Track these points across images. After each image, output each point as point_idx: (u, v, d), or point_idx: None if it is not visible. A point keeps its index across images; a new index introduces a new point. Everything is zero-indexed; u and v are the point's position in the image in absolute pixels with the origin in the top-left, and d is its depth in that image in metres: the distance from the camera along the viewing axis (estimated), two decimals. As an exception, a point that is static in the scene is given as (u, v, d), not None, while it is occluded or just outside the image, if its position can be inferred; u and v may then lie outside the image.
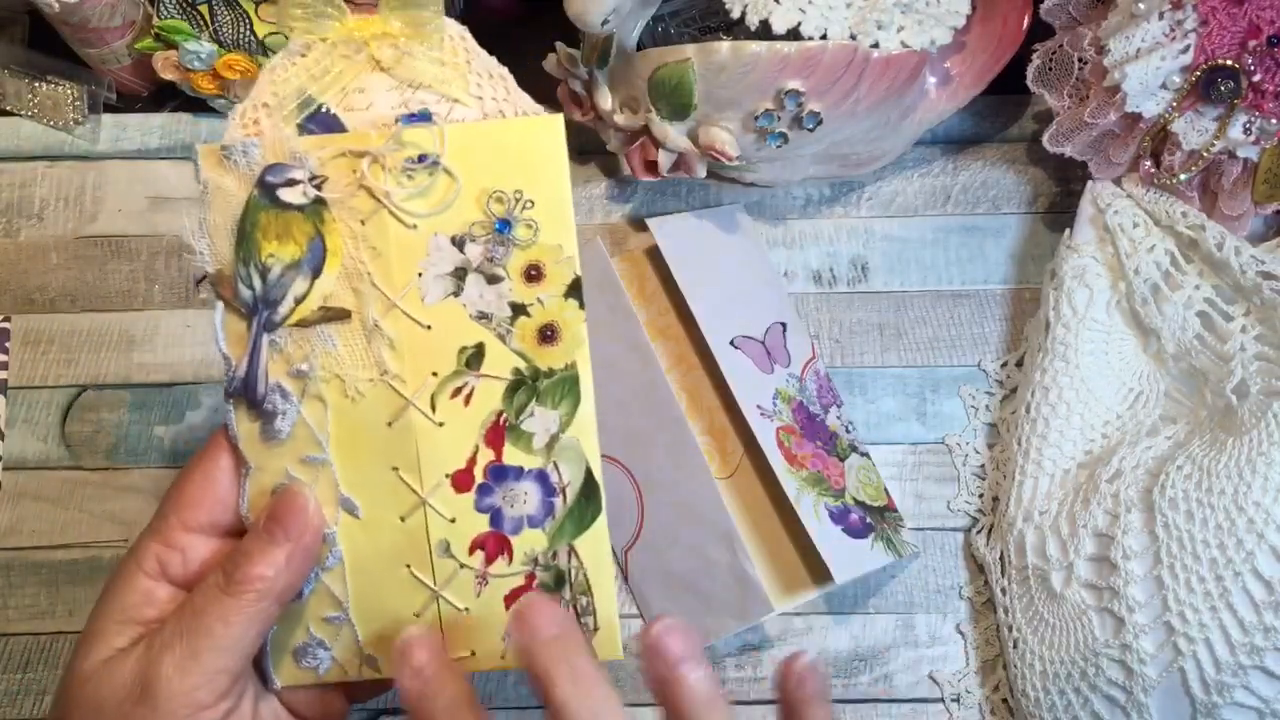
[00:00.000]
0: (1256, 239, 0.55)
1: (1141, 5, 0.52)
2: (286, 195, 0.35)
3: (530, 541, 0.38)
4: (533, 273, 0.36)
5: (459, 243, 0.36)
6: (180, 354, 0.59)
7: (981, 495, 0.57)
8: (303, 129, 0.36)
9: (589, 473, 0.38)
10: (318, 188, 0.35)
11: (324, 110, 0.36)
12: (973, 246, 0.61)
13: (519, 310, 0.36)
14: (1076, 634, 0.50)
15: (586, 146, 0.61)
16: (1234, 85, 0.51)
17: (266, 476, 0.36)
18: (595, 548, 0.38)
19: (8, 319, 0.59)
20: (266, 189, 0.35)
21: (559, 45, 0.56)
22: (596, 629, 0.38)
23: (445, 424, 0.36)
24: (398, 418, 0.36)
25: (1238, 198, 0.53)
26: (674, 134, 0.53)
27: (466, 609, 0.37)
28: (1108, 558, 0.49)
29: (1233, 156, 0.53)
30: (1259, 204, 0.54)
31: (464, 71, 0.36)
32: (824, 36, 0.50)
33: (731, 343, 0.55)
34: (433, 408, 0.36)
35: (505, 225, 0.36)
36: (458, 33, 0.37)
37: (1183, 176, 0.53)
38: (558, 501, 0.37)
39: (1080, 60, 0.55)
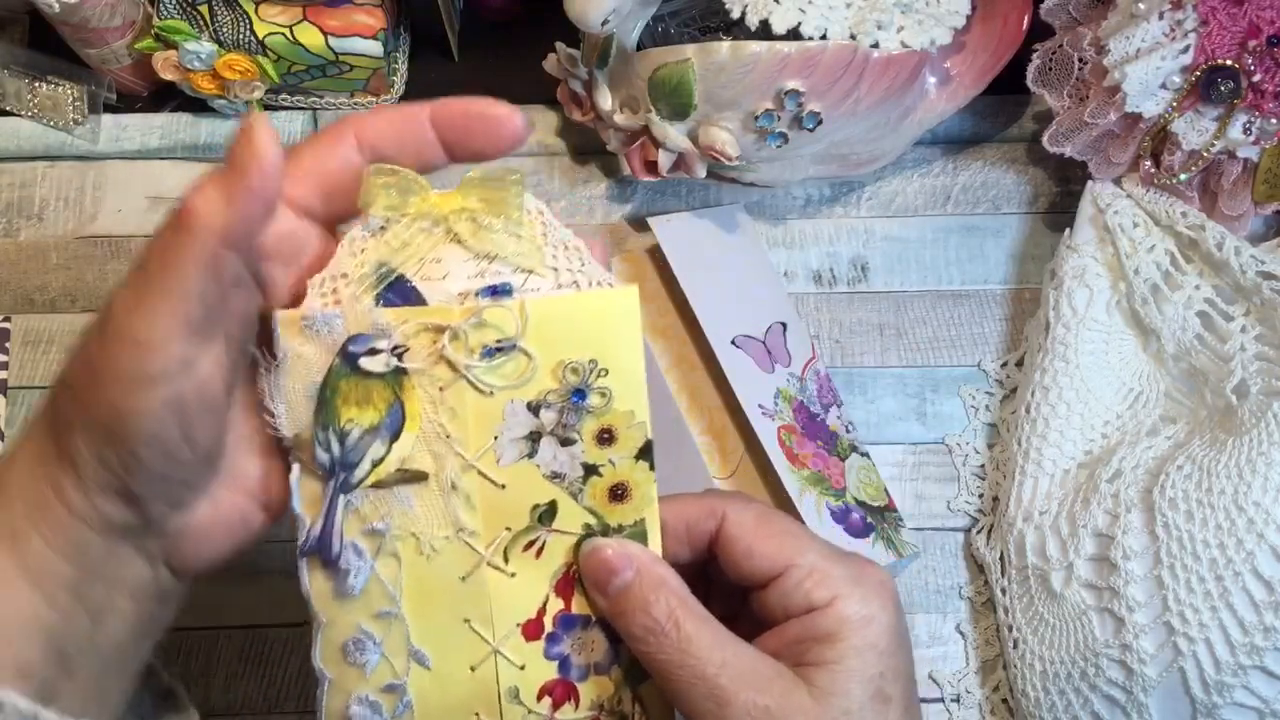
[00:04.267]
0: (1256, 239, 0.55)
1: (1141, 5, 0.52)
2: (368, 364, 0.35)
3: (598, 688, 0.38)
4: (605, 436, 0.37)
5: (534, 408, 0.36)
6: (180, 354, 0.59)
7: (981, 495, 0.57)
8: (381, 299, 0.36)
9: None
10: (399, 357, 0.35)
11: (402, 280, 0.36)
12: (973, 246, 0.61)
13: (591, 470, 0.37)
14: (1076, 634, 0.50)
15: (586, 146, 0.61)
16: (1234, 85, 0.51)
17: (338, 631, 0.37)
18: (659, 694, 0.38)
19: (8, 319, 0.59)
20: (349, 358, 0.35)
21: (559, 45, 0.56)
22: None
23: (517, 575, 0.37)
24: (471, 572, 0.37)
25: (1238, 198, 0.53)
26: (674, 134, 0.53)
27: None
28: (1108, 558, 0.49)
29: (1233, 156, 0.53)
30: (1259, 204, 0.54)
31: (540, 244, 0.37)
32: (824, 36, 0.50)
33: (733, 342, 0.55)
34: (505, 560, 0.37)
35: (580, 395, 0.36)
36: (535, 207, 0.37)
37: (1183, 176, 0.53)
38: (624, 648, 0.38)
39: (1080, 60, 0.55)
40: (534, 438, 0.36)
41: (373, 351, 0.35)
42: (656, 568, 0.36)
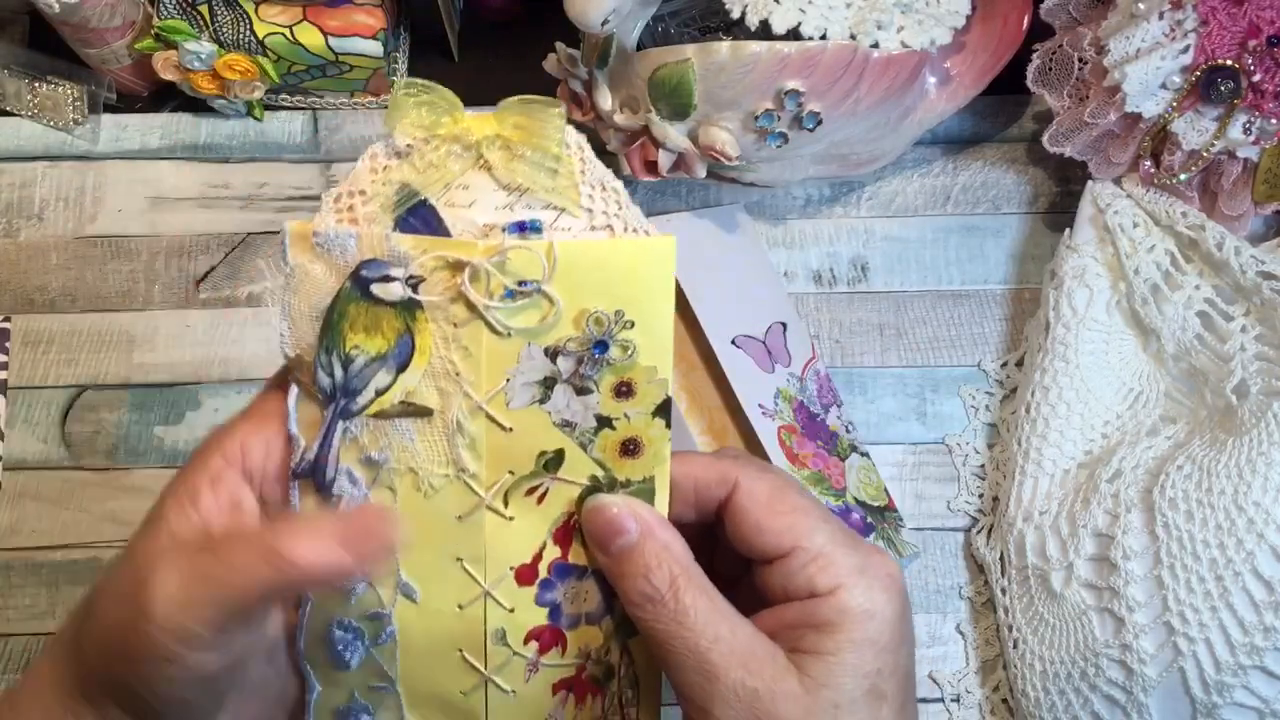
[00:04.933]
0: (1256, 239, 0.55)
1: (1141, 5, 0.52)
2: (380, 290, 0.34)
3: (586, 637, 0.37)
4: (623, 389, 0.35)
5: (551, 354, 0.35)
6: (180, 354, 0.59)
7: (981, 495, 0.57)
8: (401, 223, 0.34)
9: None
10: (414, 289, 0.34)
11: (425, 204, 0.34)
12: (973, 246, 0.61)
13: (604, 422, 0.35)
14: (1076, 634, 0.50)
15: (586, 146, 0.61)
16: (1234, 85, 0.51)
17: None
18: (649, 655, 0.38)
19: (8, 319, 0.59)
20: (360, 282, 0.34)
21: (559, 45, 0.56)
22: None
23: (515, 519, 0.36)
24: (469, 514, 0.36)
25: (1238, 198, 0.53)
26: (674, 134, 0.53)
27: (514, 691, 0.37)
28: (1108, 558, 0.49)
29: (1233, 156, 0.53)
30: (1259, 204, 0.54)
31: (576, 181, 0.35)
32: (824, 36, 0.50)
33: (733, 342, 0.55)
34: (505, 503, 0.36)
35: (602, 347, 0.35)
36: (575, 141, 0.35)
37: (1183, 176, 0.53)
38: (617, 602, 0.37)
39: (1080, 60, 0.55)
40: (548, 383, 0.35)
41: (386, 279, 0.33)
42: (661, 532, 0.35)
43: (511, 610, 0.36)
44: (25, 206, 0.61)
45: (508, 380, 0.34)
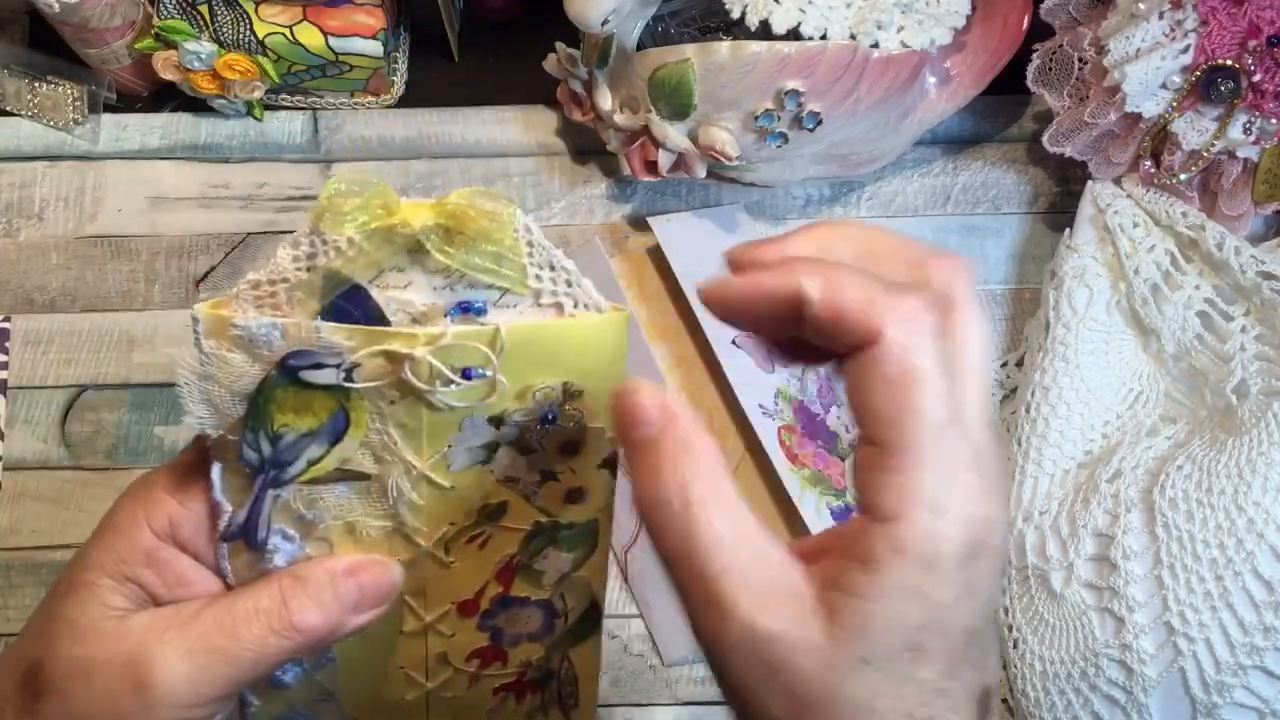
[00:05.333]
0: (1256, 239, 0.55)
1: (1141, 5, 0.52)
2: (311, 376, 0.31)
3: (527, 652, 0.38)
4: (569, 448, 0.34)
5: (495, 422, 0.33)
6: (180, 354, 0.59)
7: (981, 495, 0.57)
8: (331, 309, 0.31)
9: (594, 602, 0.38)
10: (348, 376, 0.31)
11: (356, 288, 0.31)
12: (973, 246, 0.61)
13: (549, 476, 0.35)
14: (1076, 634, 0.50)
15: (586, 146, 0.61)
16: (1234, 85, 0.51)
17: None
18: (588, 655, 0.38)
19: (8, 319, 0.59)
20: (288, 371, 0.31)
21: (559, 45, 0.56)
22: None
23: (457, 563, 0.35)
24: (410, 561, 0.35)
25: (1238, 198, 0.53)
26: (674, 134, 0.53)
27: (455, 696, 0.38)
28: (1108, 558, 0.49)
29: (1233, 156, 0.53)
30: (1259, 204, 0.54)
31: (523, 264, 0.32)
32: (824, 36, 0.50)
33: (733, 342, 0.55)
34: (445, 551, 0.35)
35: (549, 419, 0.33)
36: (523, 224, 0.32)
37: (1183, 176, 0.53)
38: (559, 622, 0.37)
39: (1080, 60, 0.55)
40: (491, 447, 0.33)
41: (318, 366, 0.31)
42: (685, 428, 0.29)
43: (452, 635, 0.37)
44: (25, 206, 0.61)
45: (449, 446, 0.33)
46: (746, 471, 0.54)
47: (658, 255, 0.56)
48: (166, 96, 0.63)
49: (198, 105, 0.62)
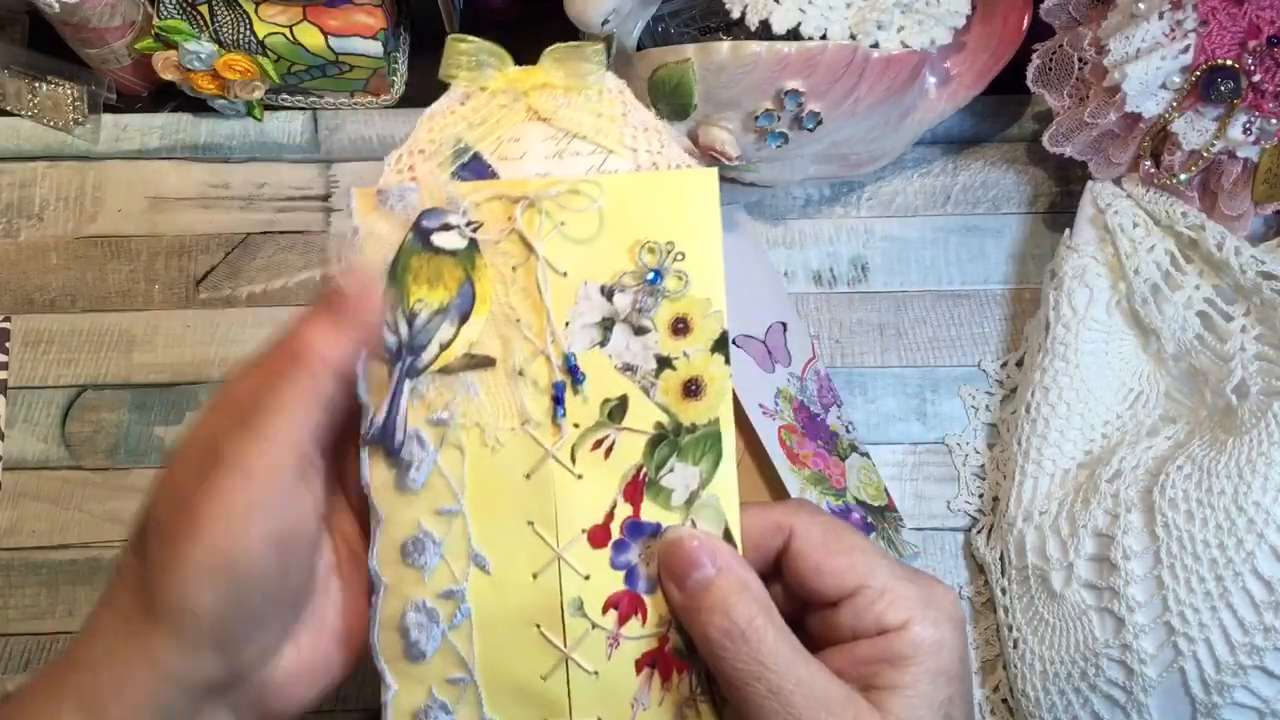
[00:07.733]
0: (1256, 239, 0.55)
1: (1141, 5, 0.52)
2: (441, 240, 0.35)
3: (665, 603, 0.37)
4: (679, 326, 0.36)
5: (608, 292, 0.36)
6: (180, 354, 0.59)
7: (981, 495, 0.57)
8: (457, 175, 0.36)
9: (727, 532, 0.37)
10: (473, 232, 0.35)
11: (478, 158, 0.36)
12: (973, 246, 0.61)
13: (664, 363, 0.36)
14: (1076, 634, 0.50)
15: (586, 146, 0.61)
16: (1234, 85, 0.51)
17: (398, 529, 0.36)
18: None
19: (8, 319, 0.59)
20: (421, 233, 0.35)
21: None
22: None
23: (584, 476, 0.36)
24: (536, 470, 0.36)
25: (1238, 198, 0.53)
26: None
27: (596, 673, 0.36)
28: (1108, 558, 0.49)
29: (1233, 156, 0.53)
30: (1259, 204, 0.54)
31: (620, 124, 0.37)
32: (824, 36, 0.50)
33: (733, 342, 0.55)
34: (572, 459, 0.36)
35: (657, 276, 0.36)
36: (616, 86, 0.37)
37: (1183, 176, 0.53)
38: None
39: (1080, 60, 0.55)
40: (606, 325, 0.36)
41: (446, 226, 0.35)
42: (740, 569, 0.35)
43: (587, 577, 0.36)
44: (25, 206, 0.61)
45: (567, 324, 0.36)
46: (744, 472, 0.54)
47: (658, 255, 0.56)
48: (166, 96, 0.63)
49: (198, 105, 0.62)
